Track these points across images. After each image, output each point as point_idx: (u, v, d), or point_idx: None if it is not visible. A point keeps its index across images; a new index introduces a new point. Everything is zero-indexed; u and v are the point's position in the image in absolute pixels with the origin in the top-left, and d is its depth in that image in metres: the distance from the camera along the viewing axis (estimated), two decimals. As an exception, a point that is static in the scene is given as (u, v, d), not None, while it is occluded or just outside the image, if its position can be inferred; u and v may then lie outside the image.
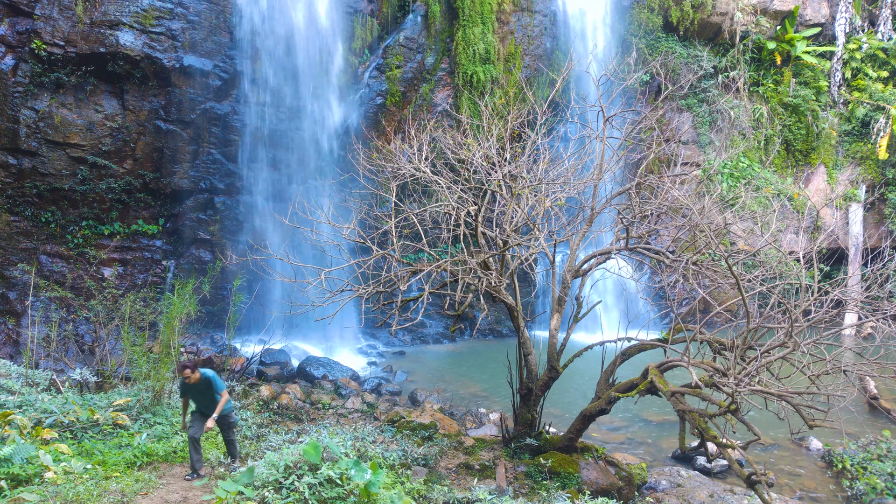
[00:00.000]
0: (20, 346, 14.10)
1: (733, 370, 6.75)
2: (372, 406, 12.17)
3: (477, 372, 15.69)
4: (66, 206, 15.95)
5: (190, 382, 7.41)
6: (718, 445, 7.08)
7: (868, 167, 23.48)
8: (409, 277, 8.93)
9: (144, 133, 16.44)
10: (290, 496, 5.59)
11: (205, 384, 7.54)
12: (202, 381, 7.52)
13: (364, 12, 18.88)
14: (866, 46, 23.90)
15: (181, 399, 7.94)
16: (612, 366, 8.81)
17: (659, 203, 9.45)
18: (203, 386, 7.55)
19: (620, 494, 8.44)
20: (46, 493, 6.26)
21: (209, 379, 7.58)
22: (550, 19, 20.89)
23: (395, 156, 10.21)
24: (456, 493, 7.40)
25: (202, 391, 7.54)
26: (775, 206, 12.30)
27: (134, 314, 11.25)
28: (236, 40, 17.22)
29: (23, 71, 15.17)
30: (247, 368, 13.52)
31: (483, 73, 19.22)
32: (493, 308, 19.47)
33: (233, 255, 14.47)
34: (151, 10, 16.14)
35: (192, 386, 7.48)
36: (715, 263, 12.65)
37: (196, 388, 7.51)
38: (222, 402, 7.61)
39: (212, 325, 16.55)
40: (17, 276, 15.02)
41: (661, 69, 19.81)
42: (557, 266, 9.61)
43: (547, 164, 10.03)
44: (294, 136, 17.94)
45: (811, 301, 7.34)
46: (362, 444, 8.99)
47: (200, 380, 7.50)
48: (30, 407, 8.56)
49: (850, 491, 9.39)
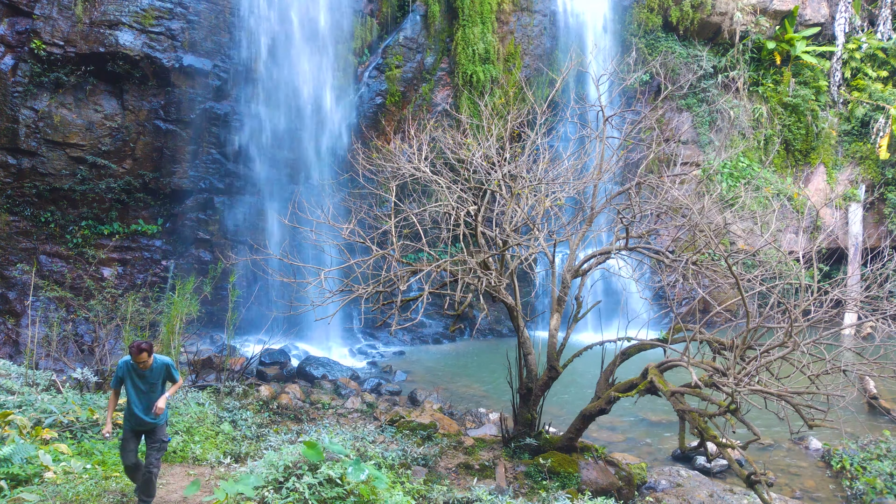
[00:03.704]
0: (20, 346, 14.10)
1: (733, 370, 6.75)
2: (372, 406, 12.17)
3: (477, 372, 15.68)
4: (65, 205, 15.94)
5: (142, 368, 5.96)
6: (718, 445, 7.08)
7: (868, 167, 23.48)
8: (408, 277, 8.93)
9: (144, 133, 16.43)
10: (289, 496, 5.58)
11: (159, 373, 6.12)
12: (156, 370, 6.08)
13: (364, 12, 18.88)
14: (866, 46, 23.90)
15: (111, 391, 6.26)
16: (611, 366, 8.81)
17: (659, 203, 9.46)
18: (156, 376, 6.10)
19: (620, 494, 8.44)
20: (46, 493, 6.26)
21: (167, 365, 6.17)
22: (550, 19, 20.89)
23: (395, 155, 10.20)
24: (456, 493, 7.40)
25: (152, 384, 6.09)
26: (775, 206, 12.29)
27: (134, 314, 11.25)
28: (236, 40, 17.21)
29: (22, 71, 15.16)
30: (246, 368, 13.52)
31: (483, 72, 19.22)
32: (493, 308, 19.47)
33: (233, 255, 14.47)
34: (151, 10, 16.13)
35: (140, 374, 6.01)
36: (715, 263, 12.66)
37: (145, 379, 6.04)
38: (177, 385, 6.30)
39: (211, 325, 16.55)
40: (17, 276, 15.01)
41: (661, 69, 19.81)
42: (557, 266, 9.61)
43: (547, 163, 10.03)
44: (294, 136, 17.93)
45: (811, 301, 7.34)
46: (362, 444, 8.99)
47: (154, 367, 6.05)
48: (29, 407, 8.55)
49: (849, 491, 9.38)
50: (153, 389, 6.11)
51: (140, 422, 6.09)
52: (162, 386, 6.23)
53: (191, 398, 10.06)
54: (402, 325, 8.68)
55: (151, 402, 6.11)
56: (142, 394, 6.07)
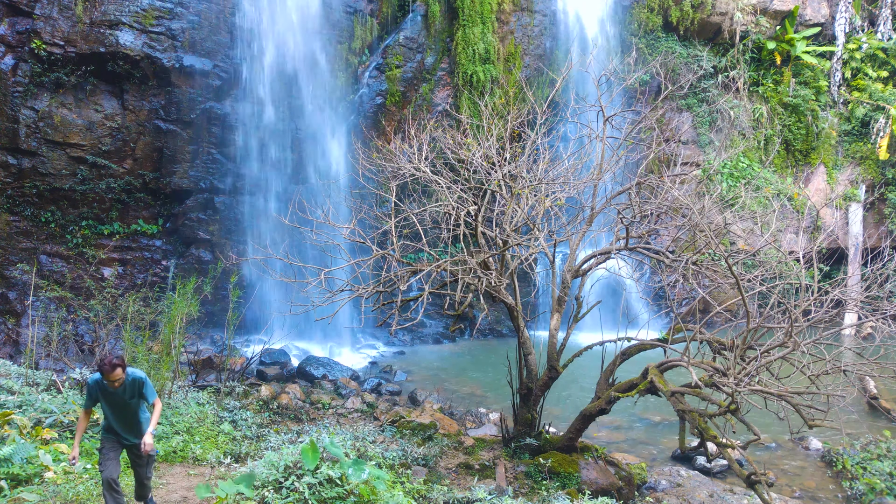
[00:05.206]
0: (20, 346, 14.10)
1: (733, 370, 6.75)
2: (372, 406, 12.17)
3: (477, 372, 15.68)
4: (65, 205, 15.94)
5: (115, 387, 5.33)
6: (718, 445, 7.08)
7: (868, 167, 23.47)
8: (408, 277, 8.93)
9: (144, 133, 16.43)
10: (289, 496, 5.59)
11: (132, 390, 5.48)
12: (129, 385, 5.44)
13: (364, 12, 18.88)
14: (866, 46, 23.90)
15: (81, 411, 5.61)
16: (611, 366, 8.81)
17: (659, 203, 9.45)
18: (130, 392, 5.47)
19: (620, 494, 8.44)
20: (46, 493, 6.26)
21: (140, 381, 5.50)
22: (550, 19, 20.88)
23: (395, 155, 10.20)
24: (456, 493, 7.40)
25: (126, 401, 5.48)
26: (775, 206, 12.31)
27: (134, 314, 11.25)
28: (236, 40, 17.22)
29: (22, 71, 15.16)
30: (247, 368, 13.52)
31: (483, 72, 19.21)
32: (493, 308, 19.46)
33: (233, 255, 14.47)
34: (151, 10, 16.13)
35: (112, 393, 5.40)
36: (715, 263, 12.66)
37: (117, 397, 5.43)
38: (157, 411, 5.59)
39: (211, 325, 16.54)
40: (17, 276, 15.01)
41: (661, 69, 19.80)
42: (557, 266, 9.61)
43: (547, 163, 10.02)
44: (294, 136, 17.94)
45: (811, 301, 7.34)
46: (362, 443, 8.99)
47: (126, 383, 5.42)
48: (30, 407, 8.55)
49: (849, 491, 9.39)
50: (128, 408, 5.55)
51: (122, 438, 5.66)
52: (138, 403, 5.61)
53: (191, 398, 10.06)
54: (403, 325, 8.68)
55: (130, 420, 5.58)
56: (118, 410, 5.53)
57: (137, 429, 5.64)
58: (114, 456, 5.55)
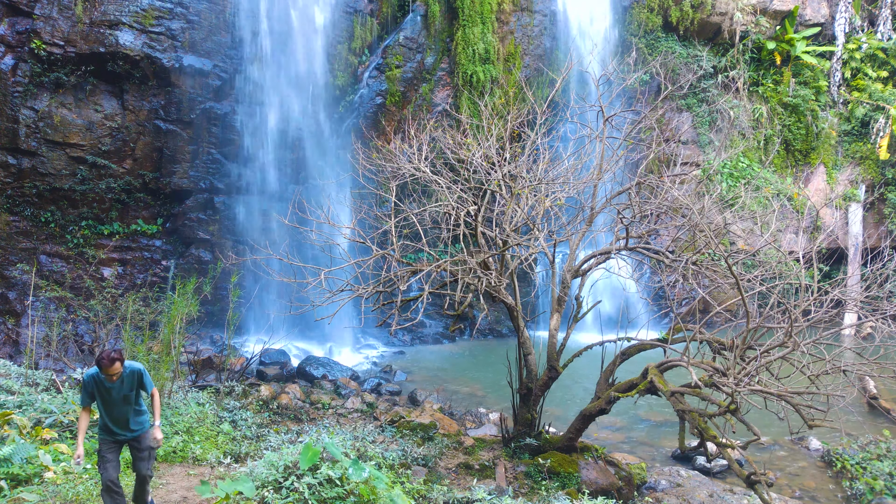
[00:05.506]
0: (20, 346, 14.10)
1: (733, 370, 6.75)
2: (372, 406, 12.17)
3: (477, 372, 15.68)
4: (65, 205, 15.94)
5: (112, 381, 5.25)
6: (718, 445, 7.08)
7: (868, 167, 23.48)
8: (408, 277, 8.93)
9: (144, 133, 16.44)
10: (289, 496, 5.58)
11: (131, 381, 5.38)
12: (128, 378, 5.34)
13: (364, 12, 18.88)
14: (866, 46, 23.90)
15: (81, 410, 5.46)
16: (611, 366, 8.81)
17: (659, 203, 9.45)
18: (129, 385, 5.37)
19: (620, 494, 8.44)
20: (46, 493, 6.26)
21: (138, 372, 5.41)
22: (550, 19, 20.88)
23: (395, 155, 10.20)
24: (456, 493, 7.40)
25: (125, 394, 5.37)
26: (775, 206, 12.30)
27: (134, 314, 11.26)
28: (236, 40, 17.22)
29: (22, 71, 15.16)
30: (246, 368, 13.52)
31: (483, 72, 19.21)
32: (493, 308, 19.46)
33: (233, 255, 14.47)
34: (151, 10, 16.13)
35: (108, 387, 5.30)
36: (715, 263, 12.66)
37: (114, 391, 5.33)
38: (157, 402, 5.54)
39: (211, 325, 16.55)
40: (17, 276, 15.01)
41: (661, 69, 19.80)
42: (557, 266, 9.61)
43: (547, 163, 10.02)
44: (293, 136, 17.94)
45: (811, 301, 7.34)
46: (362, 444, 8.99)
47: (124, 375, 5.33)
48: (30, 407, 8.55)
49: (849, 491, 9.39)
50: (126, 401, 5.42)
51: (119, 436, 5.55)
52: (136, 395, 5.52)
53: (191, 398, 10.06)
54: (403, 325, 8.68)
55: (127, 414, 5.48)
56: (114, 407, 5.41)
57: (135, 422, 5.58)
58: (113, 457, 5.50)
